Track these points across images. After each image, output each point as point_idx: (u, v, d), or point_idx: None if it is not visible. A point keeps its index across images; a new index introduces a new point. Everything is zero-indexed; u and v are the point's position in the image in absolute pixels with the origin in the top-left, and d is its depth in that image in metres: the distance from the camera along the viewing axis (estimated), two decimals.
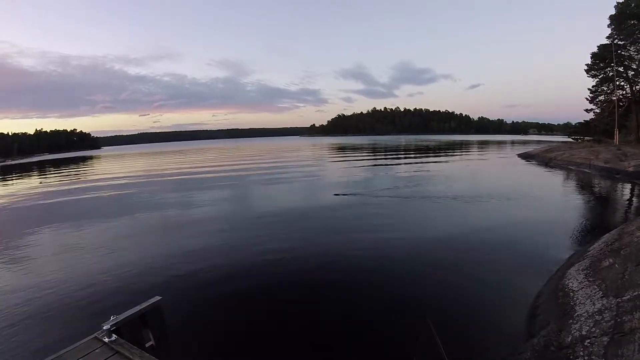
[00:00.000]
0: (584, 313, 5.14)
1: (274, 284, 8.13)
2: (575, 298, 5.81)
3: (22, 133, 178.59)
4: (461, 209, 14.31)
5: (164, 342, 5.04)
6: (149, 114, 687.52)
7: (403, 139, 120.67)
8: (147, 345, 4.78)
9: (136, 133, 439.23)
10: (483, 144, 76.90)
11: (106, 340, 4.14)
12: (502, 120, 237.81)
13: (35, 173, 51.83)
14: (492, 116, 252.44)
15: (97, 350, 4.01)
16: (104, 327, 4.22)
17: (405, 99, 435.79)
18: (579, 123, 47.20)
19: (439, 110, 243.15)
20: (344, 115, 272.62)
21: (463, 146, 69.97)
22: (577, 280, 6.45)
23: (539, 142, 77.36)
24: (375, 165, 37.13)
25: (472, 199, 15.92)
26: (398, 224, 12.76)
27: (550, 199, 16.01)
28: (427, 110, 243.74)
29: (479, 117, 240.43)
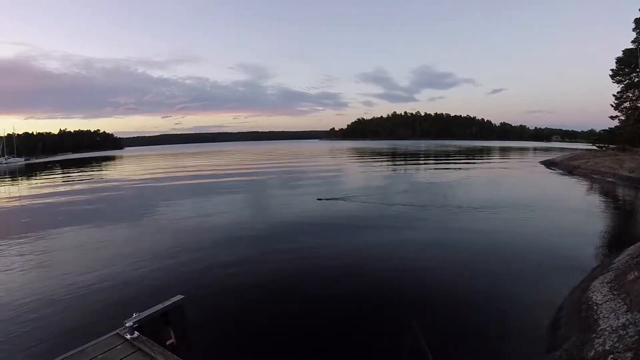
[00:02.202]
0: (608, 327, 5.03)
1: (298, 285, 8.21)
2: (598, 311, 5.68)
3: (46, 133, 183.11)
4: (483, 219, 14.04)
5: (185, 340, 5.11)
6: (171, 116, 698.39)
7: (423, 144, 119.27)
8: (168, 343, 4.85)
9: (158, 134, 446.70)
10: (505, 151, 75.67)
11: (128, 337, 4.20)
12: (525, 126, 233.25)
13: (63, 170, 53.41)
14: (514, 122, 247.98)
15: (118, 347, 4.08)
16: (126, 324, 4.29)
17: (426, 104, 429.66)
18: (603, 130, 46.14)
19: (460, 115, 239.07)
20: (363, 119, 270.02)
21: (485, 152, 68.89)
22: (601, 293, 6.30)
23: (562, 149, 75.89)
24: (396, 171, 36.99)
25: (494, 208, 15.64)
26: (416, 230, 12.73)
27: (574, 209, 15.66)
28: (447, 115, 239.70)
29: (500, 123, 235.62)
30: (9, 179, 43.44)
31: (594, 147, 47.22)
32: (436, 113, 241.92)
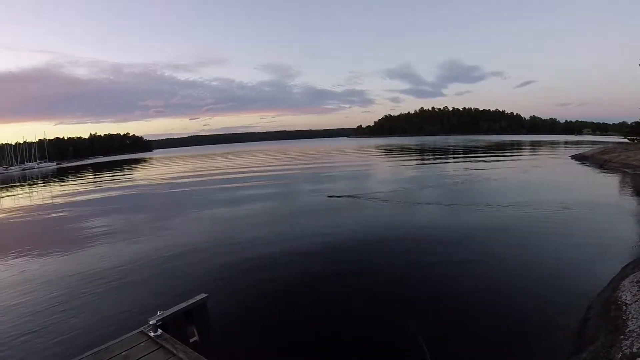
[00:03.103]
0: (637, 329, 4.86)
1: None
2: (627, 312, 5.49)
3: (77, 137, 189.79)
4: (512, 217, 13.70)
5: (208, 338, 5.22)
6: (199, 118, 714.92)
7: (452, 140, 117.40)
8: (191, 340, 4.97)
9: (186, 136, 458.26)
10: (535, 145, 73.62)
11: (152, 334, 4.32)
12: (555, 119, 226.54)
13: (95, 173, 55.22)
14: (544, 115, 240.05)
15: (142, 344, 4.20)
16: (150, 322, 4.41)
17: (454, 98, 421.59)
18: (635, 122, 44.37)
19: (489, 110, 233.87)
20: (390, 115, 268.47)
21: (515, 147, 67.23)
22: (631, 292, 6.09)
23: (592, 142, 73.52)
24: (424, 168, 36.79)
25: (524, 206, 15.23)
26: (448, 231, 12.60)
27: (604, 206, 15.10)
28: (476, 110, 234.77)
29: (530, 117, 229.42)
30: (41, 182, 45.32)
31: (626, 140, 45.56)
32: (464, 108, 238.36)
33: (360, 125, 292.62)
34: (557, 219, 13.12)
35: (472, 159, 44.01)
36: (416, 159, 46.60)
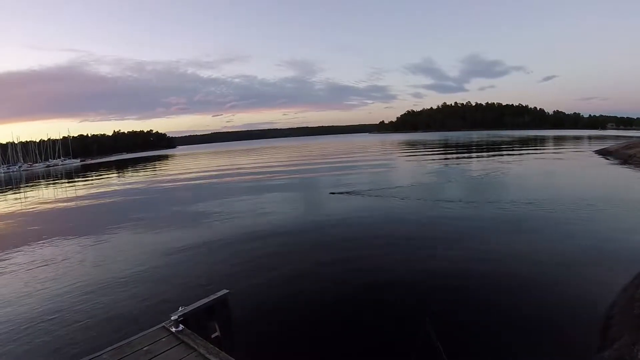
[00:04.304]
0: None
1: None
2: None
3: (101, 134, 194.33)
4: (535, 217, 13.21)
5: (230, 334, 5.27)
6: (221, 114, 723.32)
7: (475, 135, 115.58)
8: (212, 336, 5.02)
9: (210, 132, 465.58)
10: (559, 140, 71.93)
11: (173, 330, 4.37)
12: (578, 114, 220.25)
13: (118, 170, 56.60)
14: (568, 110, 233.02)
15: (163, 340, 4.25)
16: (172, 318, 4.46)
17: (476, 93, 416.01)
18: None
19: (512, 104, 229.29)
20: (413, 111, 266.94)
21: (538, 142, 65.87)
22: None
23: (617, 137, 71.28)
24: (447, 164, 36.34)
25: (548, 203, 14.88)
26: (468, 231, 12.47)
27: (629, 202, 14.64)
28: (499, 105, 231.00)
29: (554, 111, 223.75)
30: (64, 179, 46.68)
31: None
32: (487, 103, 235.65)
33: (383, 121, 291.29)
34: (581, 216, 12.79)
35: (496, 154, 43.39)
36: (442, 155, 46.09)
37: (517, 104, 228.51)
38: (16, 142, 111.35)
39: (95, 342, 5.73)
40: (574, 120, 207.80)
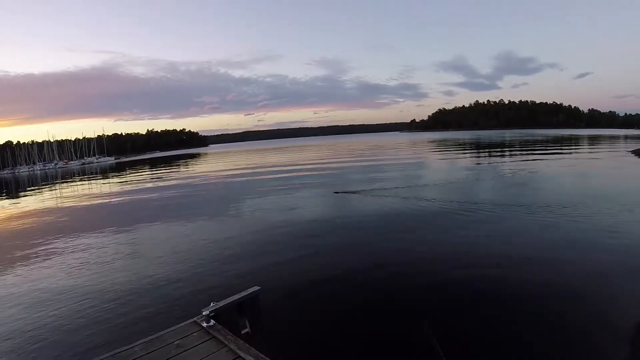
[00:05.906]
0: None
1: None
2: None
3: (134, 133, 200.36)
4: (569, 221, 12.46)
5: (259, 330, 5.20)
6: (253, 114, 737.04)
7: (508, 134, 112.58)
8: (242, 332, 4.97)
9: (242, 131, 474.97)
10: (594, 139, 69.08)
11: (204, 325, 4.39)
12: (614, 112, 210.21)
13: (152, 167, 58.34)
14: (603, 108, 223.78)
15: (194, 334, 4.26)
16: (204, 313, 4.51)
17: (509, 91, 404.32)
18: None
19: (546, 102, 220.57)
20: (444, 109, 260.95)
21: (573, 142, 63.55)
22: None
23: None
24: (479, 163, 35.57)
25: (582, 207, 14.01)
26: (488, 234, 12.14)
27: None
28: (532, 103, 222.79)
29: (589, 110, 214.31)
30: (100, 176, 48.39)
31: None
32: (520, 101, 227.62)
33: (414, 120, 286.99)
34: (619, 221, 12.04)
35: (529, 154, 42.29)
36: (477, 155, 45.16)
37: (551, 102, 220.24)
38: (52, 140, 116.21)
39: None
40: (609, 119, 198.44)
